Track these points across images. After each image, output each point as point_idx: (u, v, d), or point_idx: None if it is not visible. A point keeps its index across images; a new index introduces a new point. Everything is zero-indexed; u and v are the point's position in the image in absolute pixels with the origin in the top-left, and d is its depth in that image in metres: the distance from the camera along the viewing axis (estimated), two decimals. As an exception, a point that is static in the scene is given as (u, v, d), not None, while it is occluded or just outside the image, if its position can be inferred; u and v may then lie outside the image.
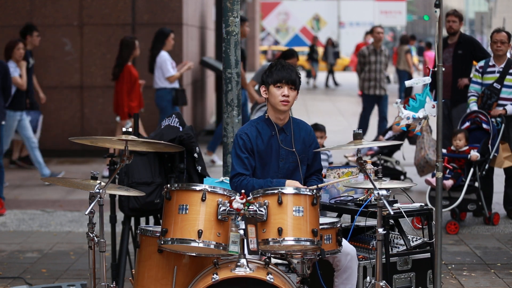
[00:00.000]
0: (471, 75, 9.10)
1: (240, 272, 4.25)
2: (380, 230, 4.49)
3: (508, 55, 8.59)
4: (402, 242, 5.54)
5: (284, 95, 4.82)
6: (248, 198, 4.34)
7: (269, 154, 4.88)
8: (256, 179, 4.84)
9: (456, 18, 9.49)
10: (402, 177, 10.36)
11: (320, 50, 32.64)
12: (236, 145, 4.88)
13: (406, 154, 10.59)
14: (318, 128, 8.53)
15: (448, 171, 8.18)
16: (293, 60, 9.88)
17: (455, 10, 9.70)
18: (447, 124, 9.28)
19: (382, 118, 12.92)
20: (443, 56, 9.63)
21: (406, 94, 19.77)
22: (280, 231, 4.25)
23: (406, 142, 10.67)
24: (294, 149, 4.89)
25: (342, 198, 5.61)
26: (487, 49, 9.62)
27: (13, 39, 10.56)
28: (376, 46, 12.86)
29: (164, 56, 11.05)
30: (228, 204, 4.32)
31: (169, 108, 11.03)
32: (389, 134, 10.60)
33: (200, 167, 5.97)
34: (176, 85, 11.21)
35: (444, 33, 9.41)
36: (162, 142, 4.95)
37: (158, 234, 4.47)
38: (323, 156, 8.31)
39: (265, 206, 4.29)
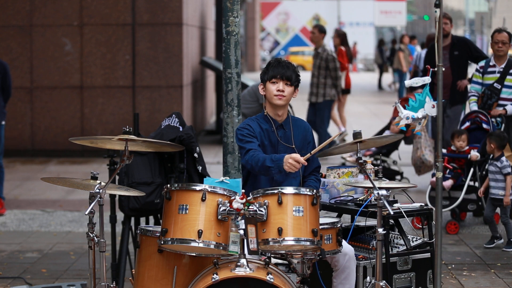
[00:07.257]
0: (471, 75, 9.11)
1: (240, 272, 4.25)
2: (380, 230, 4.49)
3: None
4: (402, 242, 5.54)
5: (278, 90, 4.84)
6: (248, 198, 4.34)
7: (268, 150, 4.89)
8: (262, 154, 4.80)
9: (447, 20, 9.54)
10: (398, 177, 10.36)
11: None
12: (240, 135, 4.86)
13: (401, 154, 10.59)
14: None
15: (448, 171, 8.18)
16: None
17: (445, 13, 9.72)
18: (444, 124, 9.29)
19: (311, 123, 12.12)
20: (438, 59, 9.67)
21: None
22: (280, 231, 4.25)
23: (401, 142, 10.67)
24: (293, 146, 4.90)
25: (342, 198, 5.61)
26: (487, 49, 9.64)
27: None
28: (316, 47, 12.39)
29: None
30: (228, 204, 4.32)
31: None
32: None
33: (200, 167, 5.97)
34: None
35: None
36: (162, 142, 4.94)
37: (158, 234, 4.47)
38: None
39: (265, 206, 4.29)
